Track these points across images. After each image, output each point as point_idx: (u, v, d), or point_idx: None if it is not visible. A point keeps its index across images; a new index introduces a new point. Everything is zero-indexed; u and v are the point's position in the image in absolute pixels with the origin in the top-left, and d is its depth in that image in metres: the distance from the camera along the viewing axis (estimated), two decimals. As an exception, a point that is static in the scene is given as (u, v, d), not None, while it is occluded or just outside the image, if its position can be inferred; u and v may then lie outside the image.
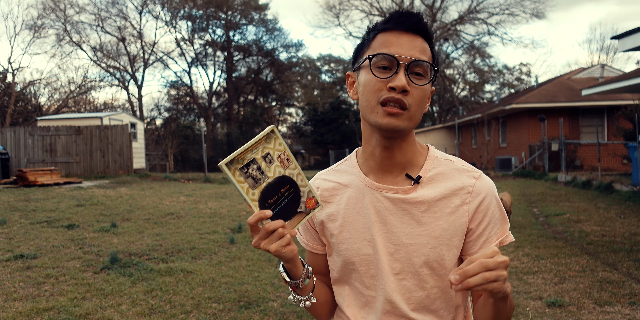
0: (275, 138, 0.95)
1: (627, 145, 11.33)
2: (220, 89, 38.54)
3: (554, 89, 19.94)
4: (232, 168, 0.89)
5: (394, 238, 1.06)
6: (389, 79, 0.99)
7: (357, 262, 1.09)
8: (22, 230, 6.51)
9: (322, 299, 1.14)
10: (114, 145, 16.14)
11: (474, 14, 33.95)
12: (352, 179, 1.12)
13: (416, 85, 0.99)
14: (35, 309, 3.59)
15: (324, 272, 1.19)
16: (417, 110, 1.01)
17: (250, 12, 35.84)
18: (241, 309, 3.64)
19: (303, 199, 0.98)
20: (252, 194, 0.92)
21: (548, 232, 6.55)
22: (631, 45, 8.36)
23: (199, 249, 5.56)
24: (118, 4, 39.97)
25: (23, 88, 29.68)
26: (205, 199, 10.25)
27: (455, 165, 1.09)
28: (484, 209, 1.06)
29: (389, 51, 1.00)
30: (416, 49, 1.00)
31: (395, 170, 1.08)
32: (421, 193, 1.06)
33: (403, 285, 1.06)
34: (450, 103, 39.02)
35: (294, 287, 1.06)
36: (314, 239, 1.18)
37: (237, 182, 0.90)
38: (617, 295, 3.86)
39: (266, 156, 0.93)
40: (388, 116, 0.99)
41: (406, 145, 1.07)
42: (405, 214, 1.06)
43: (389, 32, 1.02)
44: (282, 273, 1.04)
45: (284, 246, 0.92)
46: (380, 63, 1.01)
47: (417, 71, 1.00)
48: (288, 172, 0.96)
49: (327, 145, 31.37)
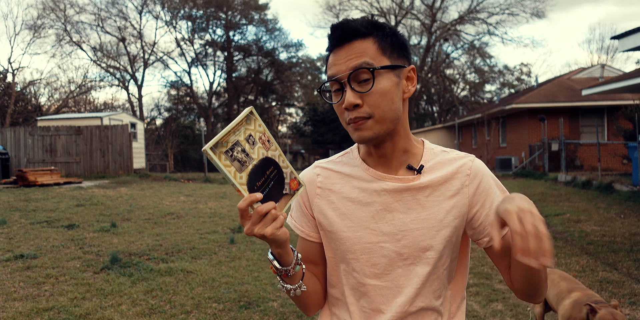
0: (255, 119, 0.93)
1: (627, 145, 11.33)
2: (220, 89, 38.56)
3: (554, 89, 19.95)
4: (217, 152, 0.87)
5: (400, 224, 1.07)
6: (341, 102, 1.02)
7: (358, 250, 1.09)
8: (22, 230, 6.51)
9: (310, 288, 1.11)
10: (114, 145, 16.14)
11: (474, 13, 33.94)
12: (355, 169, 1.13)
13: (365, 93, 1.00)
14: (35, 309, 3.59)
15: (315, 261, 1.16)
16: (381, 112, 1.01)
17: (250, 12, 35.84)
18: (241, 309, 3.64)
19: (286, 180, 0.97)
20: (239, 177, 0.89)
21: (548, 232, 6.55)
22: (631, 45, 8.36)
23: (199, 249, 5.56)
24: (118, 4, 40.01)
25: (23, 88, 29.69)
26: (205, 199, 10.25)
27: (450, 155, 1.13)
28: (484, 190, 1.09)
29: (330, 74, 1.03)
30: (351, 57, 1.00)
31: (395, 163, 1.10)
32: (425, 181, 1.08)
33: (412, 269, 1.07)
34: (450, 103, 39.02)
35: (284, 275, 1.02)
36: (310, 226, 1.15)
37: (224, 166, 0.87)
38: (617, 295, 3.86)
39: (249, 138, 0.91)
40: (356, 131, 1.03)
41: (399, 141, 1.09)
42: (410, 199, 1.07)
43: (332, 53, 1.05)
44: (272, 260, 1.01)
45: (278, 228, 0.92)
46: (333, 87, 1.05)
47: (362, 78, 1.00)
48: (270, 154, 0.95)
49: (327, 145, 31.36)
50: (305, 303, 1.13)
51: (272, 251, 1.00)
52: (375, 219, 1.08)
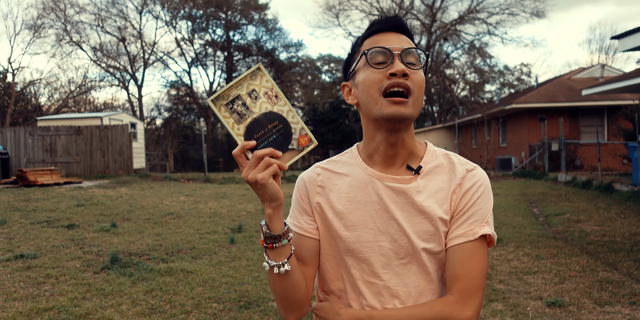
0: (262, 75, 0.97)
1: (627, 145, 11.33)
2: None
3: (554, 89, 19.95)
4: (218, 104, 0.94)
5: (395, 225, 1.08)
6: (387, 68, 1.04)
7: (356, 249, 1.09)
8: (22, 230, 6.51)
9: (294, 276, 1.05)
10: (114, 145, 16.14)
11: (474, 13, 33.93)
12: (354, 169, 1.14)
13: (414, 70, 1.04)
14: (35, 309, 3.59)
15: (306, 260, 1.13)
16: (419, 95, 1.06)
17: (250, 12, 35.83)
18: (241, 309, 3.64)
19: (295, 135, 0.98)
20: (237, 128, 0.95)
21: (548, 232, 6.55)
22: (631, 45, 8.36)
23: (199, 249, 5.56)
24: (118, 4, 39.99)
25: (23, 88, 29.68)
26: (205, 199, 10.25)
27: (452, 159, 1.13)
28: (470, 194, 1.09)
29: (381, 46, 1.06)
30: (405, 42, 1.07)
31: (398, 163, 1.12)
32: (421, 183, 1.09)
33: (408, 268, 1.08)
34: (450, 103, 39.01)
35: (270, 245, 1.00)
36: (308, 222, 1.14)
37: (223, 118, 0.94)
38: (617, 295, 3.86)
39: (251, 92, 0.96)
40: (394, 105, 1.02)
41: (408, 138, 1.10)
42: (406, 202, 1.08)
43: (376, 34, 1.08)
44: (263, 226, 1.01)
45: (271, 175, 0.93)
46: (375, 58, 1.05)
47: (410, 60, 1.05)
48: (277, 109, 0.97)
49: (327, 145, 31.36)
50: (286, 295, 1.07)
51: (265, 213, 1.01)
52: (374, 218, 1.09)
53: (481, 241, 1.06)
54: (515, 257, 5.14)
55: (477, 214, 1.07)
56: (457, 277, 1.03)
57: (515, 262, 4.93)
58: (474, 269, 1.04)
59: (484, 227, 1.06)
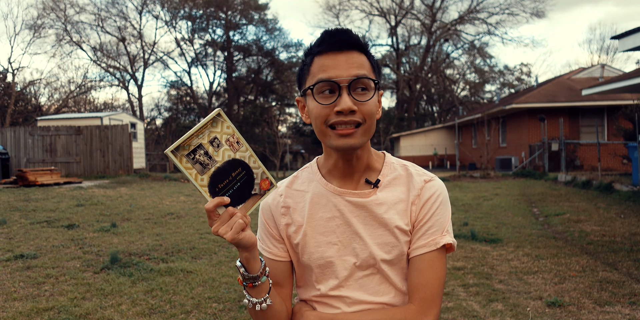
0: (222, 121, 0.94)
1: (627, 145, 11.32)
2: (220, 89, 38.56)
3: (554, 89, 19.94)
4: (179, 155, 0.90)
5: (357, 239, 1.11)
6: (334, 104, 1.02)
7: (322, 264, 1.12)
8: (22, 230, 6.51)
9: (276, 307, 1.09)
10: (114, 145, 16.14)
11: (474, 13, 33.94)
12: (315, 185, 1.16)
13: (363, 102, 1.03)
14: (35, 309, 3.59)
15: (281, 283, 1.17)
16: (371, 123, 1.06)
17: (250, 12, 35.83)
18: (241, 309, 3.64)
19: (257, 180, 0.98)
20: (200, 179, 0.92)
21: (548, 232, 6.55)
22: (631, 45, 8.36)
23: (199, 249, 5.56)
24: (118, 4, 40.00)
25: (23, 88, 29.69)
26: (205, 199, 10.23)
27: (409, 170, 1.15)
28: (429, 205, 1.11)
29: (328, 76, 1.03)
30: (354, 66, 1.03)
31: (356, 176, 1.14)
32: (381, 196, 1.11)
33: (371, 279, 1.11)
34: (450, 103, 39.01)
35: (250, 284, 1.02)
36: (276, 246, 1.18)
37: (185, 169, 0.90)
38: (617, 295, 3.86)
39: (213, 140, 0.93)
40: (342, 138, 1.04)
41: (363, 154, 1.12)
42: (367, 215, 1.11)
43: (325, 55, 1.05)
44: (240, 267, 1.02)
45: (239, 232, 0.94)
46: (323, 88, 1.04)
47: (360, 87, 1.04)
48: (239, 155, 0.96)
49: (327, 145, 31.36)
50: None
51: (240, 257, 1.01)
52: (337, 233, 1.12)
53: (441, 250, 1.10)
54: (515, 257, 5.14)
55: (437, 224, 1.10)
56: (417, 287, 1.08)
57: (515, 262, 4.93)
58: (433, 278, 1.08)
59: (445, 236, 1.10)
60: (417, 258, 1.09)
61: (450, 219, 1.14)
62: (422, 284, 1.07)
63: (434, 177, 1.15)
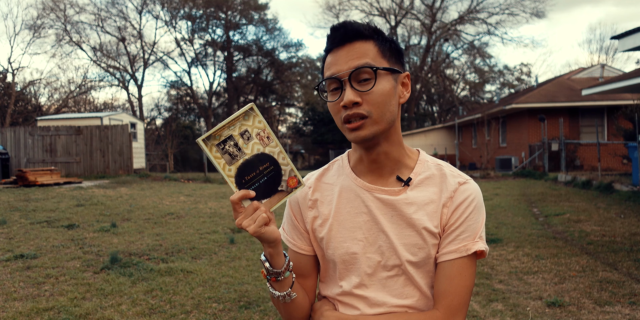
0: (255, 116, 0.96)
1: (627, 145, 11.32)
2: (220, 89, 38.56)
3: (554, 89, 19.95)
4: (209, 144, 0.92)
5: (384, 237, 1.08)
6: (339, 100, 1.03)
7: (347, 260, 1.10)
8: (22, 230, 6.51)
9: (299, 299, 1.10)
10: (114, 145, 16.14)
11: (473, 13, 33.95)
12: (344, 179, 1.14)
13: (365, 92, 1.01)
14: (35, 309, 3.59)
15: (305, 274, 1.17)
16: (380, 112, 1.02)
17: (250, 12, 35.84)
18: (241, 309, 3.64)
19: (284, 177, 0.99)
20: (228, 170, 0.94)
21: (548, 232, 6.55)
22: (631, 45, 8.36)
23: (199, 249, 5.56)
24: (118, 4, 40.01)
25: (23, 88, 29.69)
26: (205, 199, 10.25)
27: (444, 170, 1.11)
28: (462, 209, 1.07)
29: (330, 73, 1.03)
30: (353, 57, 1.02)
31: (386, 173, 1.11)
32: (411, 195, 1.08)
33: (396, 280, 1.08)
34: (450, 103, 39.01)
35: (273, 279, 1.03)
36: (301, 238, 1.17)
37: (214, 158, 0.92)
38: (617, 295, 3.86)
39: (244, 133, 0.95)
40: (352, 132, 1.03)
41: (390, 148, 1.09)
42: (395, 214, 1.08)
43: (331, 53, 1.06)
44: (264, 262, 1.02)
45: (262, 226, 0.94)
46: (330, 87, 1.05)
47: (362, 78, 1.02)
48: (268, 150, 0.97)
49: (327, 145, 31.38)
50: (292, 316, 1.12)
51: (265, 252, 1.02)
52: (363, 230, 1.09)
53: (471, 257, 1.06)
54: (515, 257, 5.14)
55: (469, 229, 1.06)
56: (445, 293, 1.04)
57: (515, 262, 4.93)
58: (461, 285, 1.04)
59: (478, 243, 1.06)
60: (446, 263, 1.05)
61: (484, 224, 1.10)
62: (449, 291, 1.04)
63: (469, 180, 1.10)
